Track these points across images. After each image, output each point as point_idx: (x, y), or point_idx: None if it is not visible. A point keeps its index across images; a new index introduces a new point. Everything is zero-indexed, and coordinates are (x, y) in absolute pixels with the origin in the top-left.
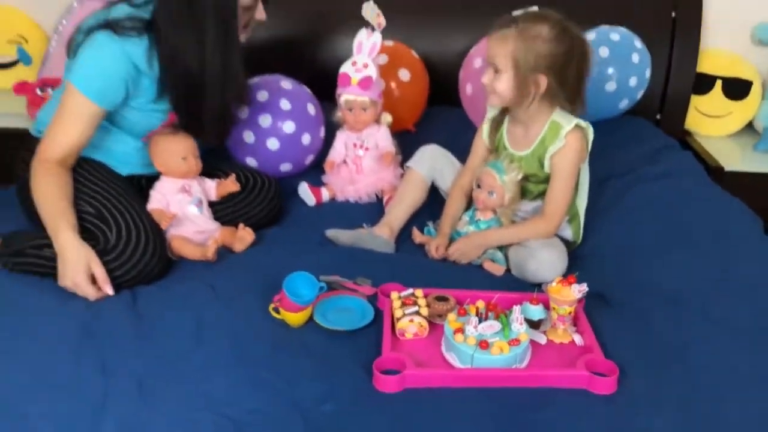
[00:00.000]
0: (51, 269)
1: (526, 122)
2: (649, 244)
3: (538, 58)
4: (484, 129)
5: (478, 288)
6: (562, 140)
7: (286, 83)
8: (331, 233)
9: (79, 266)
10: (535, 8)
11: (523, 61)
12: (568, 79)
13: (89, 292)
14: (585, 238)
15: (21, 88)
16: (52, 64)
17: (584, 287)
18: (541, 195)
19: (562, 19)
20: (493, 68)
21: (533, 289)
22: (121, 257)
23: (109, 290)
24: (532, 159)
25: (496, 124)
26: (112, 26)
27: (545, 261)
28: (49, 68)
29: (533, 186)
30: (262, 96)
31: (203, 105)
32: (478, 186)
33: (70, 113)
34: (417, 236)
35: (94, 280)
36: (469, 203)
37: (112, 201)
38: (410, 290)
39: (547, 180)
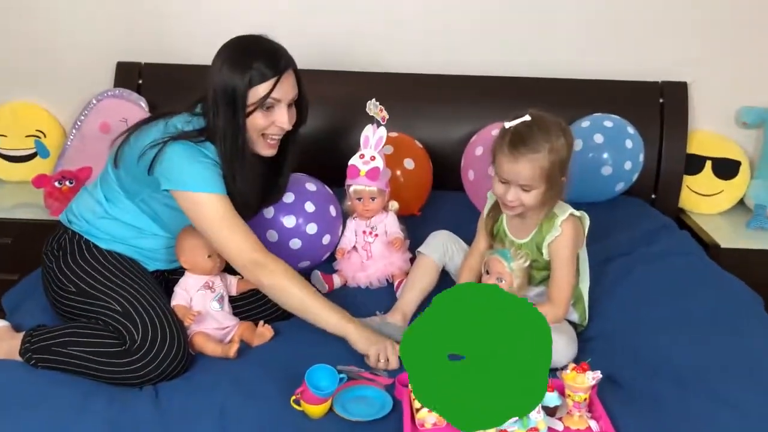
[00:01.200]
0: (75, 366)
1: (524, 213)
2: (655, 324)
3: (562, 166)
4: (484, 217)
5: None
6: (558, 229)
7: (311, 185)
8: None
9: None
10: (527, 117)
11: (553, 173)
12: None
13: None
14: (591, 319)
15: (40, 181)
16: (70, 158)
17: (598, 374)
18: (544, 281)
19: (560, 120)
20: (520, 188)
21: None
22: (146, 357)
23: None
24: (531, 246)
25: (496, 213)
26: (183, 137)
27: (556, 347)
28: (66, 161)
29: (536, 272)
30: (288, 198)
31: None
32: (487, 272)
33: (220, 219)
34: None
35: None
36: None
37: (139, 299)
38: None
39: (547, 266)
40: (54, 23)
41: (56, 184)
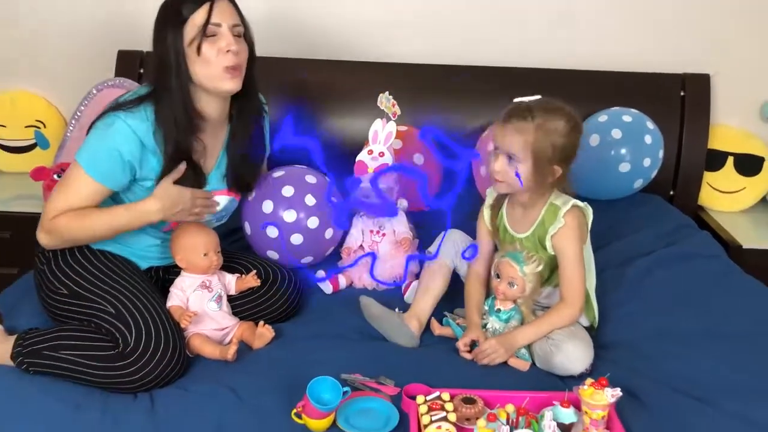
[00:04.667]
0: (67, 371)
1: (525, 205)
2: (677, 334)
3: (555, 151)
4: (485, 214)
5: (505, 385)
6: (561, 221)
7: (311, 177)
8: (366, 301)
9: (180, 203)
10: (538, 97)
11: (542, 153)
12: (570, 165)
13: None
14: (608, 326)
15: (38, 173)
16: (70, 149)
17: (618, 392)
18: (549, 281)
19: (571, 110)
20: (507, 156)
21: (561, 382)
22: (141, 360)
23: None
24: (533, 240)
25: (497, 208)
26: (120, 106)
27: (571, 354)
28: (66, 153)
29: (545, 270)
30: (287, 191)
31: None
32: (497, 276)
33: (75, 188)
34: (436, 328)
35: None
36: (487, 291)
37: (133, 300)
38: (436, 393)
39: (553, 262)
40: (54, 9)
41: (55, 176)
